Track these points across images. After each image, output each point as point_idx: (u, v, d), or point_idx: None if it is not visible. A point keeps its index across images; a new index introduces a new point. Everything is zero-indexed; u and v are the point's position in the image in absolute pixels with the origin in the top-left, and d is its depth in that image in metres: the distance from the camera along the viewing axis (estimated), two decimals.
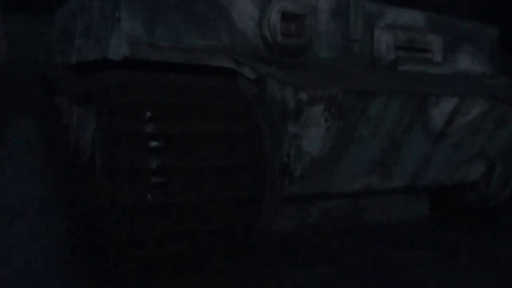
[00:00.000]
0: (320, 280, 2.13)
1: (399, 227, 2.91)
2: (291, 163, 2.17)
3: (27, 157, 4.71)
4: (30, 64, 10.20)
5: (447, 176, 2.85)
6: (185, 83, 2.09)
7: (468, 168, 2.91)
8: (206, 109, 2.00)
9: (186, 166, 1.88)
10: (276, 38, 2.54)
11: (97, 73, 2.23)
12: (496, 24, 3.52)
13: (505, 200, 3.29)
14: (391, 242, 2.66)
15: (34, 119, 6.37)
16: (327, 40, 2.77)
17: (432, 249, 2.61)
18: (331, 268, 2.27)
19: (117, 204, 1.80)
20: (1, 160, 4.54)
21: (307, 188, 2.35)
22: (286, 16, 2.55)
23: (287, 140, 2.12)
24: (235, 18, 2.50)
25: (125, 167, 1.80)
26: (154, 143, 1.83)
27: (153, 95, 1.93)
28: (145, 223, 1.84)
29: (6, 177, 3.96)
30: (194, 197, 1.89)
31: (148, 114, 1.85)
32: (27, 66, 10.12)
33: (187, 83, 2.10)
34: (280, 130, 2.12)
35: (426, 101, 2.38)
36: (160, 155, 1.83)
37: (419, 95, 2.35)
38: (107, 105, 1.92)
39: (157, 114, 1.87)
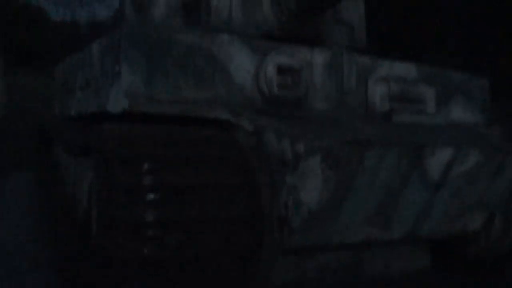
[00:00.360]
0: None
1: (401, 280, 2.84)
2: (289, 215, 2.15)
3: (24, 210, 4.66)
4: (29, 116, 10.31)
5: (447, 227, 2.82)
6: (182, 135, 2.11)
7: (467, 219, 2.88)
8: (203, 161, 2.01)
9: (183, 219, 1.86)
10: (272, 91, 2.60)
11: (96, 125, 2.25)
12: (486, 72, 3.61)
13: (507, 252, 3.24)
14: None
15: (32, 171, 6.35)
16: (322, 92, 2.83)
17: None
18: None
19: (113, 258, 1.76)
20: None
21: (306, 239, 2.32)
22: (282, 70, 2.62)
23: (284, 191, 2.11)
24: (232, 71, 2.56)
25: (121, 220, 1.78)
26: (151, 196, 1.82)
27: (151, 148, 1.94)
28: (141, 277, 1.79)
29: (2, 229, 3.90)
30: (191, 251, 1.86)
31: (146, 166, 1.86)
32: (26, 118, 10.23)
33: (185, 135, 2.12)
34: (278, 181, 2.12)
35: (422, 152, 2.40)
36: (157, 208, 1.82)
37: (414, 146, 2.37)
38: (105, 157, 1.93)
39: (155, 166, 1.87)
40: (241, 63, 2.59)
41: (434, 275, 3.02)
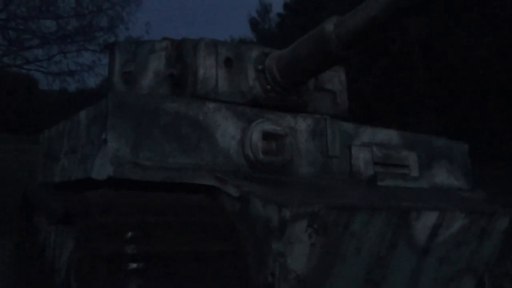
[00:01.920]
0: None
1: None
2: (276, 283, 2.09)
3: (3, 278, 4.45)
4: (11, 183, 10.13)
5: None
6: (167, 202, 2.09)
7: (457, 284, 2.83)
8: (188, 228, 1.98)
9: None
10: (258, 156, 2.62)
11: (79, 193, 2.23)
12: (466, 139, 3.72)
13: None
14: None
15: (11, 239, 6.15)
16: (307, 157, 2.87)
17: None
18: None
19: None
20: None
21: None
22: (267, 136, 2.67)
23: (271, 259, 2.07)
24: (218, 138, 2.60)
25: None
26: (134, 265, 1.77)
27: (135, 215, 1.91)
28: None
29: None
30: None
31: (129, 234, 1.82)
32: (8, 185, 10.04)
33: (170, 202, 2.10)
34: (264, 248, 2.09)
35: (408, 216, 2.40)
36: (139, 277, 1.76)
37: (400, 210, 2.37)
38: (86, 226, 1.89)
39: (138, 234, 1.83)
40: (227, 129, 2.64)
41: None
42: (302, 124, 2.90)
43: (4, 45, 12.08)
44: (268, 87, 2.93)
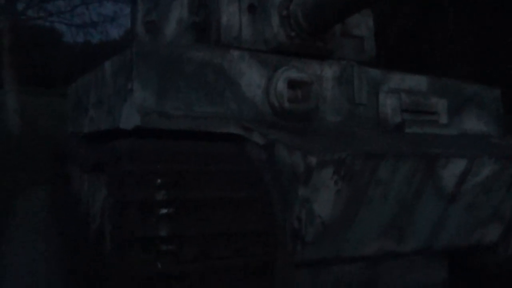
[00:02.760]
0: None
1: None
2: (302, 228, 2.14)
3: (37, 227, 4.69)
4: (42, 135, 10.45)
5: (463, 239, 2.78)
6: (194, 150, 2.12)
7: (484, 230, 2.84)
8: (215, 175, 2.01)
9: (196, 233, 1.86)
10: (283, 105, 2.60)
11: (109, 142, 2.28)
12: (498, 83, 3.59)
13: None
14: None
15: (46, 189, 6.42)
16: (333, 104, 2.83)
17: None
18: None
19: (127, 273, 1.77)
20: (12, 230, 4.52)
21: (320, 252, 2.30)
22: (292, 84, 2.63)
23: (297, 205, 2.11)
24: (243, 87, 2.58)
25: (135, 235, 1.78)
26: (164, 210, 1.83)
27: (163, 163, 1.95)
28: None
29: (16, 248, 3.93)
30: (204, 265, 1.86)
31: (159, 181, 1.87)
32: (40, 136, 10.36)
33: (197, 150, 2.13)
34: (290, 195, 2.12)
35: (435, 163, 2.38)
36: (170, 223, 1.82)
37: (427, 157, 2.35)
38: (117, 174, 1.95)
39: (167, 181, 1.88)
40: (251, 78, 2.61)
41: (452, 287, 2.96)
42: (328, 71, 2.84)
43: None
44: (293, 33, 2.86)
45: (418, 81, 3.14)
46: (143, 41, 3.53)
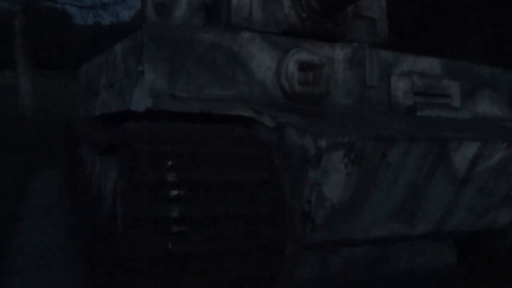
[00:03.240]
0: None
1: (426, 276, 2.80)
2: (312, 210, 2.14)
3: (51, 208, 4.77)
4: (55, 117, 10.55)
5: (473, 223, 2.77)
6: (205, 133, 2.13)
7: (494, 214, 2.82)
8: (226, 158, 2.02)
9: (206, 215, 1.88)
10: (294, 87, 2.59)
11: (120, 125, 2.29)
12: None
13: None
14: None
15: (59, 171, 6.51)
16: (344, 87, 2.81)
17: None
18: None
19: (138, 253, 1.79)
20: (27, 211, 4.61)
21: (329, 235, 2.31)
22: (303, 66, 2.61)
23: (307, 187, 2.11)
24: (253, 69, 2.57)
25: (146, 216, 1.81)
26: (175, 192, 1.85)
27: (174, 145, 1.97)
28: (166, 273, 1.82)
29: (31, 229, 4.01)
30: (214, 246, 1.88)
31: (169, 163, 1.88)
32: (52, 119, 10.46)
33: (207, 133, 2.14)
34: (300, 177, 2.12)
35: (447, 146, 2.36)
36: (181, 204, 1.84)
37: (439, 141, 2.33)
38: (129, 155, 1.96)
39: (178, 163, 1.89)
40: (262, 60, 2.60)
41: (460, 271, 2.97)
42: (340, 53, 2.81)
43: None
44: (304, 15, 2.82)
45: (431, 64, 3.10)
46: (153, 23, 3.52)
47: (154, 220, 1.80)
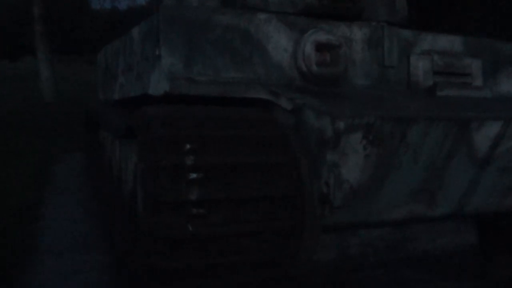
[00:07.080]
0: None
1: (447, 257, 2.79)
2: (330, 192, 2.14)
3: (73, 191, 4.88)
4: (75, 102, 10.69)
5: (495, 203, 2.73)
6: (223, 116, 2.13)
7: None
8: (244, 140, 2.03)
9: (225, 197, 1.89)
10: (311, 69, 2.57)
11: (139, 109, 2.32)
12: None
13: None
14: (439, 273, 2.55)
15: (80, 155, 6.63)
16: (362, 68, 2.77)
17: (481, 280, 2.48)
18: None
19: (158, 235, 1.83)
20: (51, 194, 4.73)
21: (348, 217, 2.31)
22: (320, 47, 2.58)
23: (326, 169, 2.11)
24: (270, 51, 2.55)
25: (166, 199, 1.83)
26: (194, 175, 1.86)
27: (192, 128, 1.98)
28: (186, 254, 1.85)
29: (53, 212, 4.11)
30: (234, 228, 1.90)
31: (188, 146, 1.90)
32: (73, 104, 10.60)
33: (225, 116, 2.14)
34: (319, 159, 2.12)
35: (468, 126, 2.32)
36: (200, 187, 1.86)
37: (460, 120, 2.29)
38: (148, 139, 1.98)
39: (197, 146, 1.91)
40: (279, 41, 2.58)
41: (481, 252, 2.95)
42: (358, 33, 2.77)
43: None
44: None
45: (451, 42, 3.02)
46: (169, 6, 3.50)
47: (174, 203, 1.83)
